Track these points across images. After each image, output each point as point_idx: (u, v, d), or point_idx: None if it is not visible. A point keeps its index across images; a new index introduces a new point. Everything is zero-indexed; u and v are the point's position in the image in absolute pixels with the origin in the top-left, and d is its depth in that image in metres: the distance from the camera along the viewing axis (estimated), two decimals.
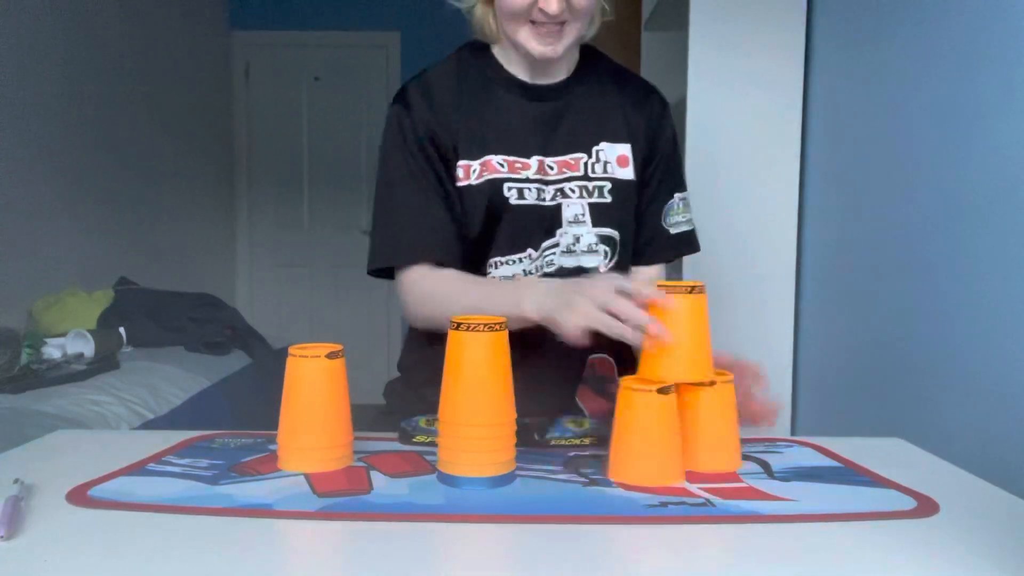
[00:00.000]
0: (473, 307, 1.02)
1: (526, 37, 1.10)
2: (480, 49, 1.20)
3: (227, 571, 0.65)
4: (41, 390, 2.02)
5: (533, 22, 1.09)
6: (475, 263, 1.15)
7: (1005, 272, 1.21)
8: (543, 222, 1.15)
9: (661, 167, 1.22)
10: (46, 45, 2.89)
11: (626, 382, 0.89)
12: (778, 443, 1.04)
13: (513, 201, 1.13)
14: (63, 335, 2.47)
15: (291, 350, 0.91)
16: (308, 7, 4.55)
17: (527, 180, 1.14)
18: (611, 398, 1.08)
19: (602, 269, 1.17)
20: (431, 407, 0.94)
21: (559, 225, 1.15)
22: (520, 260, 1.15)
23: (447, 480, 0.85)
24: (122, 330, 2.63)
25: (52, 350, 2.39)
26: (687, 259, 1.99)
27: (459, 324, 0.85)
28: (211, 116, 4.37)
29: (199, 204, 4.21)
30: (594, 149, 1.17)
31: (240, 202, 4.67)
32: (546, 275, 1.16)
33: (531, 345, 1.03)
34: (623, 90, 1.22)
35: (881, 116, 1.65)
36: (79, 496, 0.80)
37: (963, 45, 1.35)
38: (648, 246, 1.24)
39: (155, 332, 2.72)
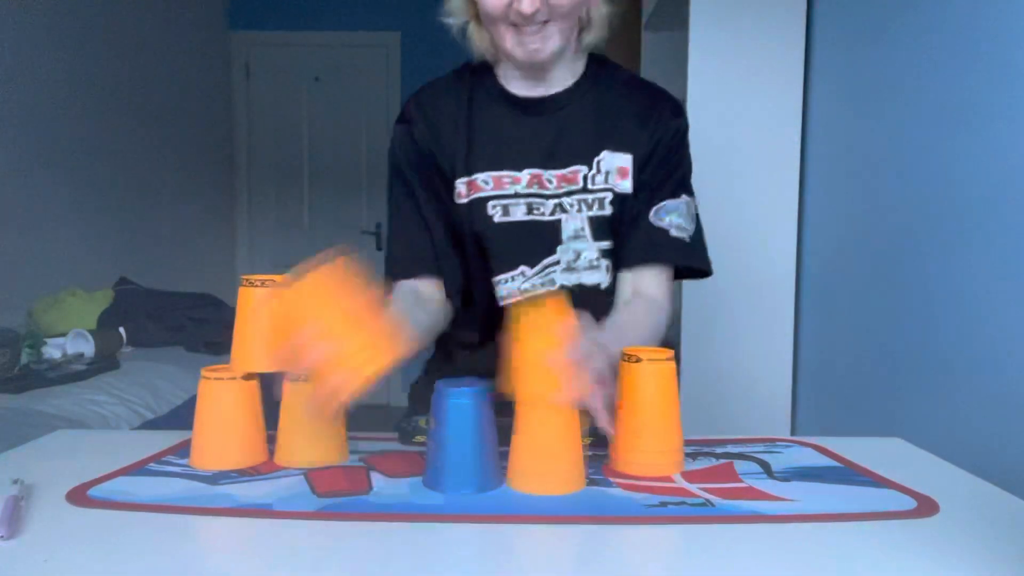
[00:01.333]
0: None
1: (510, 42, 1.07)
2: (481, 67, 1.18)
3: (227, 571, 0.65)
4: (41, 390, 2.02)
5: (515, 25, 1.06)
6: (483, 281, 1.15)
7: (1005, 272, 1.21)
8: (537, 238, 1.12)
9: (662, 169, 1.14)
10: (46, 45, 2.89)
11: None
12: (778, 443, 1.04)
13: (497, 219, 1.12)
14: (63, 335, 2.46)
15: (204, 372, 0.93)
16: (308, 7, 4.55)
17: (515, 195, 1.12)
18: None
19: (604, 285, 1.13)
20: None
21: (559, 241, 1.12)
22: (513, 279, 1.13)
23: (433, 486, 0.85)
24: (122, 330, 2.63)
25: (52, 350, 2.39)
26: None
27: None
28: (211, 116, 4.37)
29: (199, 204, 4.21)
30: (595, 160, 1.12)
31: (240, 202, 4.67)
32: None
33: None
34: (630, 98, 1.16)
35: (881, 116, 1.65)
36: (79, 496, 0.80)
37: (963, 45, 1.35)
38: (637, 246, 1.13)
39: (155, 332, 2.72)
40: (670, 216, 1.13)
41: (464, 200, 1.14)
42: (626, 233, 1.14)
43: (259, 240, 4.70)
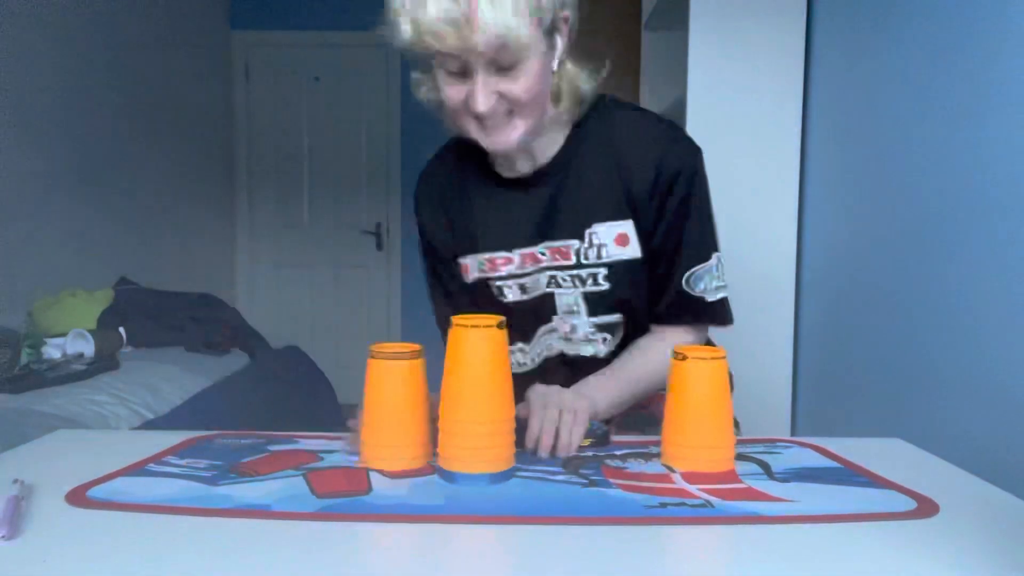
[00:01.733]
0: None
1: (475, 133, 1.02)
2: (468, 143, 1.10)
3: (226, 572, 0.65)
4: (41, 390, 2.02)
5: (478, 117, 1.00)
6: None
7: (1005, 271, 1.21)
8: (531, 313, 1.14)
9: (679, 223, 1.09)
10: (46, 45, 2.89)
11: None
12: (778, 443, 1.03)
13: (494, 300, 1.16)
14: (63, 335, 2.46)
15: (372, 349, 0.91)
16: (308, 7, 4.55)
17: (509, 276, 1.14)
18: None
19: (601, 355, 1.14)
20: None
21: (555, 311, 1.13)
22: (512, 353, 1.16)
23: (446, 476, 0.86)
24: (122, 330, 2.62)
25: (52, 350, 2.39)
26: None
27: (459, 323, 0.86)
28: (211, 116, 4.37)
29: (199, 204, 4.21)
30: (587, 233, 1.08)
31: (240, 202, 4.67)
32: (548, 360, 1.16)
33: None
34: (626, 153, 1.08)
35: (881, 116, 1.65)
36: (79, 496, 0.80)
37: (963, 45, 1.35)
38: (671, 312, 1.12)
39: (155, 332, 2.72)
40: (703, 282, 1.11)
41: (468, 280, 1.18)
42: (657, 292, 1.12)
43: (259, 240, 4.70)
